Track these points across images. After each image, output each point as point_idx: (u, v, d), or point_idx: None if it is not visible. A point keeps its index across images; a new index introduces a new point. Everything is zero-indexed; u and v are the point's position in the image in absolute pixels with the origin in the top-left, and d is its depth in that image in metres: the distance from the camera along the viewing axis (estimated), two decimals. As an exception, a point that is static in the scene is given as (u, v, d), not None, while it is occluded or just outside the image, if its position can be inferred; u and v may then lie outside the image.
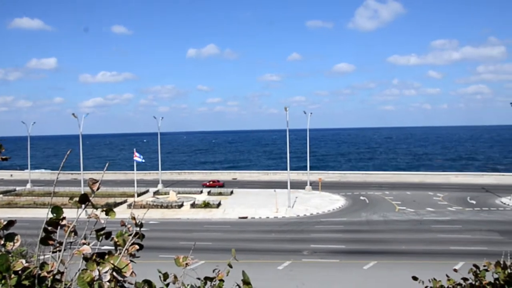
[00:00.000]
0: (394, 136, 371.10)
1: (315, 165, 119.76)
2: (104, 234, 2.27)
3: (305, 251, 38.57)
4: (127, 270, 2.06)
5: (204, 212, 56.76)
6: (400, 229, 46.20)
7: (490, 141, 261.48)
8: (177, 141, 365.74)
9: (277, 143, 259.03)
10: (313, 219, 52.58)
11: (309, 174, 75.55)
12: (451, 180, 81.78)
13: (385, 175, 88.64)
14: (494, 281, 3.64)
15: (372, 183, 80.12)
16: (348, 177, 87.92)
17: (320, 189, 70.99)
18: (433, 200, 62.06)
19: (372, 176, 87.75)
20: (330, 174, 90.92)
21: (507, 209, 56.13)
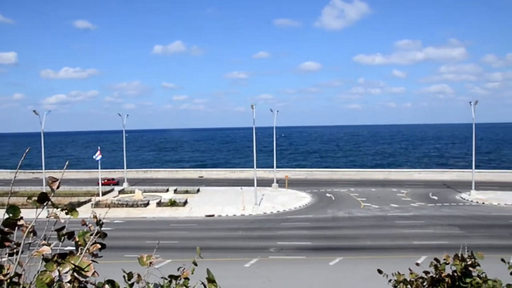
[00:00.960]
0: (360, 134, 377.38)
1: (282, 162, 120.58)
2: (66, 234, 2.21)
3: (272, 248, 38.77)
4: (89, 270, 2.01)
5: (170, 211, 56.27)
6: (365, 225, 47.03)
7: (452, 139, 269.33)
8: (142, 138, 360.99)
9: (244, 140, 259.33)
10: (279, 216, 52.90)
11: (276, 172, 75.94)
12: (414, 176, 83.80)
13: (350, 173, 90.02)
14: (453, 273, 3.76)
15: (338, 180, 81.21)
16: (314, 175, 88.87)
17: (287, 186, 71.48)
18: (397, 197, 63.44)
19: (338, 174, 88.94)
20: (297, 172, 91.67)
21: (467, 204, 57.97)
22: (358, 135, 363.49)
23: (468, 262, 3.74)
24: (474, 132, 64.71)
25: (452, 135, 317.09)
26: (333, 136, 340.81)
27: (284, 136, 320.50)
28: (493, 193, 64.36)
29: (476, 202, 58.81)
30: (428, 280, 4.08)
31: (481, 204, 57.75)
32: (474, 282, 3.62)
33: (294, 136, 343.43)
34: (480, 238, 40.80)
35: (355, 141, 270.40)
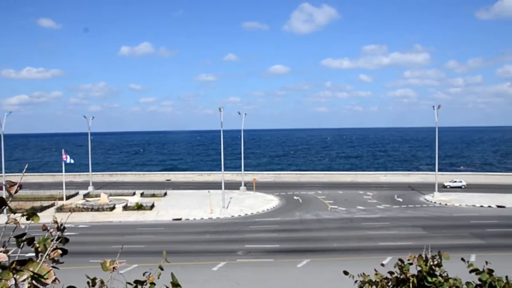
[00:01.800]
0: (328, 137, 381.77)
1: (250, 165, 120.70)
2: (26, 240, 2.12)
3: (240, 251, 38.72)
4: (49, 277, 1.94)
5: (137, 215, 55.44)
6: (332, 227, 47.56)
7: (416, 142, 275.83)
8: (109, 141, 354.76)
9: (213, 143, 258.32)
10: (247, 219, 52.89)
11: (244, 175, 75.93)
12: (380, 179, 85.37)
13: (318, 175, 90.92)
14: (418, 273, 3.84)
15: (305, 183, 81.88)
16: (282, 177, 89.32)
17: (255, 189, 71.57)
18: (363, 199, 64.43)
19: (305, 176, 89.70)
20: (265, 175, 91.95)
21: (430, 205, 59.43)
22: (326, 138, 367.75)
23: (434, 262, 3.82)
24: (437, 136, 66.47)
25: (416, 138, 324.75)
26: (301, 139, 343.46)
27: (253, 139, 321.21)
28: (455, 194, 66.26)
29: (439, 203, 60.37)
30: (393, 280, 4.15)
31: (443, 205, 59.32)
32: (437, 281, 3.70)
33: (262, 139, 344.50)
34: (442, 238, 41.91)
35: (323, 144, 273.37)
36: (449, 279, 3.77)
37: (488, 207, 57.57)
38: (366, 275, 4.48)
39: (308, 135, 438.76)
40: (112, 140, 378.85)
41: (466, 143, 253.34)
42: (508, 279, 3.59)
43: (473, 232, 44.16)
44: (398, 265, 4.11)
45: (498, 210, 55.84)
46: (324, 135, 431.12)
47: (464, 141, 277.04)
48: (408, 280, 3.90)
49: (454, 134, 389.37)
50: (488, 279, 3.61)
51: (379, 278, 4.30)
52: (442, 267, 3.80)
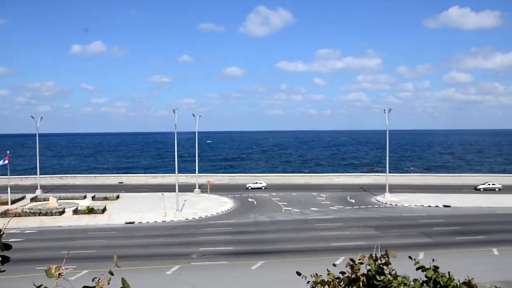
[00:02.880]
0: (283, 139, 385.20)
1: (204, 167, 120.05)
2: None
3: (194, 254, 38.39)
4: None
5: (88, 218, 53.89)
6: (287, 228, 47.98)
7: (368, 144, 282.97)
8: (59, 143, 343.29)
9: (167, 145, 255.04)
10: (202, 222, 52.54)
11: (198, 177, 75.44)
12: (334, 181, 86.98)
13: (272, 177, 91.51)
14: (367, 272, 3.93)
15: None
16: (237, 179, 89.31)
17: (209, 191, 71.22)
18: (317, 200, 65.40)
19: (260, 178, 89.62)
20: (219, 177, 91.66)
21: (381, 206, 61.10)
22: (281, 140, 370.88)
23: (382, 261, 3.92)
24: (388, 139, 68.45)
25: (368, 141, 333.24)
26: (256, 141, 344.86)
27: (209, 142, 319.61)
28: (405, 195, 68.41)
29: (389, 204, 62.18)
30: (345, 280, 4.22)
31: (394, 206, 61.14)
32: (386, 279, 3.81)
33: (217, 141, 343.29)
34: (393, 237, 43.19)
35: (277, 146, 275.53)
36: (398, 276, 3.89)
37: (435, 207, 59.84)
38: (319, 275, 4.54)
39: (263, 137, 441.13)
40: (62, 142, 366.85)
41: (416, 146, 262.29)
42: (450, 275, 3.76)
43: (421, 231, 45.78)
44: (349, 265, 4.19)
45: (445, 210, 58.15)
46: (279, 138, 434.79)
47: (414, 144, 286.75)
48: (359, 279, 3.99)
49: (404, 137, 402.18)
50: (433, 275, 3.77)
51: (331, 278, 4.36)
52: (390, 265, 3.90)
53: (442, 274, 3.78)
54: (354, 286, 4.04)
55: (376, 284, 3.82)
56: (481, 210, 57.35)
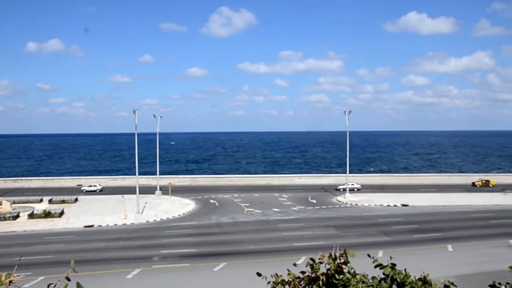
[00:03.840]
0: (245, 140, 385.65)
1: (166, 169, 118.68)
2: None
3: (155, 257, 37.86)
4: None
5: (44, 223, 52.21)
6: (249, 229, 48.03)
7: (329, 145, 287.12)
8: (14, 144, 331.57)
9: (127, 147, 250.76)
10: (163, 224, 51.90)
11: (160, 179, 74.52)
12: (295, 181, 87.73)
13: (234, 178, 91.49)
14: (327, 271, 3.97)
15: (222, 186, 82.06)
16: (199, 181, 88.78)
17: (170, 193, 70.47)
18: (278, 201, 65.79)
19: (222, 180, 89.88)
20: (181, 178, 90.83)
21: (342, 206, 62.09)
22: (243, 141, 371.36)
23: (341, 260, 3.96)
24: (348, 140, 69.65)
25: (329, 142, 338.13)
26: (219, 142, 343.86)
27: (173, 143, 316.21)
28: (365, 195, 69.81)
29: (350, 204, 63.26)
30: (305, 279, 4.24)
31: (354, 205, 62.25)
32: (345, 278, 3.86)
33: (179, 142, 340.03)
34: (353, 236, 43.95)
35: (239, 147, 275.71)
36: (357, 275, 3.94)
37: (394, 206, 61.31)
38: (279, 275, 4.55)
39: (226, 139, 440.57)
40: (17, 143, 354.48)
41: (375, 147, 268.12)
42: (407, 272, 3.85)
43: (380, 230, 46.81)
44: (309, 264, 4.22)
45: (403, 209, 59.66)
46: (241, 139, 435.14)
47: (374, 145, 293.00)
48: (319, 279, 4.02)
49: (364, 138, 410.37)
50: (391, 272, 3.84)
51: (292, 278, 4.38)
52: (349, 264, 3.96)
53: (399, 271, 3.87)
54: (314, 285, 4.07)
55: (336, 283, 3.87)
56: (436, 209, 59.19)
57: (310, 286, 4.12)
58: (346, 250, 4.04)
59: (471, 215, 55.03)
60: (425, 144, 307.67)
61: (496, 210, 58.44)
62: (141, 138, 71.47)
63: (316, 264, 4.07)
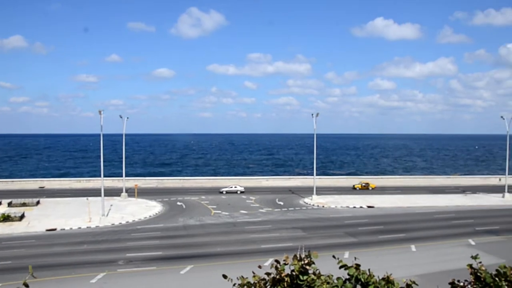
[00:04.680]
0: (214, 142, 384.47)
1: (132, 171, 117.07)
2: None
3: (121, 260, 37.19)
4: None
5: (3, 227, 50.45)
6: (216, 232, 47.82)
7: (297, 148, 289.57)
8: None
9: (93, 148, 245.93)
10: (129, 227, 51.10)
11: (125, 181, 73.36)
12: (263, 183, 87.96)
13: (202, 180, 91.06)
14: (291, 273, 3.96)
15: (189, 188, 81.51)
16: (165, 183, 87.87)
17: (137, 195, 69.46)
18: (246, 203, 65.80)
19: (189, 182, 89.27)
20: (148, 180, 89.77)
21: (309, 208, 62.61)
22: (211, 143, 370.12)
23: (305, 261, 3.96)
24: (316, 142, 70.34)
25: (297, 144, 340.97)
26: (186, 144, 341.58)
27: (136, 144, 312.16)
28: (331, 197, 70.63)
29: (317, 205, 63.87)
30: (270, 281, 4.22)
31: (321, 207, 62.88)
32: (310, 279, 3.86)
33: (146, 144, 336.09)
34: (319, 238, 44.37)
35: (207, 149, 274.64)
36: (321, 276, 3.95)
37: (360, 208, 62.26)
38: (245, 277, 4.51)
39: (193, 140, 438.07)
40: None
41: (342, 149, 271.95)
42: (371, 272, 3.89)
43: (347, 231, 47.44)
44: (274, 266, 4.21)
45: (368, 210, 60.67)
46: (209, 141, 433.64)
47: (341, 147, 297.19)
48: (283, 280, 4.01)
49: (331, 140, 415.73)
50: (355, 273, 3.87)
51: (257, 280, 4.36)
52: (314, 265, 3.96)
53: (363, 272, 3.90)
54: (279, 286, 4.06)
55: (300, 284, 3.86)
56: (401, 210, 60.46)
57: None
58: (310, 251, 4.04)
59: (434, 216, 56.49)
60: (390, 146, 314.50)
61: (457, 211, 60.20)
62: (107, 140, 70.34)
63: (281, 265, 4.06)
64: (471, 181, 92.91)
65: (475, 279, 4.65)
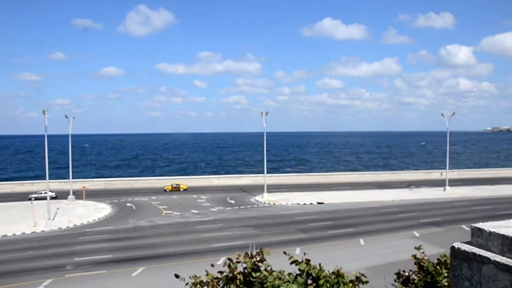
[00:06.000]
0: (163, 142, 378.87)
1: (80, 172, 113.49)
2: None
3: (69, 265, 36.02)
4: None
5: None
6: (167, 232, 47.26)
7: (247, 146, 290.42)
8: None
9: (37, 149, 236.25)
10: (77, 230, 49.56)
11: (73, 183, 71.05)
12: (214, 182, 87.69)
13: (151, 181, 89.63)
14: (244, 270, 4.03)
15: (139, 189, 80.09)
16: (114, 184, 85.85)
17: (85, 198, 67.48)
18: (197, 202, 65.40)
19: (139, 182, 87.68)
20: (96, 182, 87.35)
21: (260, 206, 63.03)
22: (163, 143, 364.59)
23: (257, 258, 4.04)
24: (265, 140, 70.87)
25: (247, 142, 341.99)
26: (135, 144, 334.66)
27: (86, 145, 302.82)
28: (282, 194, 71.42)
29: (268, 203, 64.39)
30: (223, 279, 4.27)
31: (272, 205, 63.45)
32: (262, 276, 3.94)
33: (93, 144, 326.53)
34: (271, 235, 44.76)
35: (157, 149, 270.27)
36: (273, 272, 4.04)
37: (310, 204, 63.32)
38: (198, 276, 4.54)
39: (143, 140, 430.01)
40: None
41: (292, 147, 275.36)
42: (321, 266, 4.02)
43: (298, 227, 48.14)
44: (227, 264, 4.26)
45: (318, 206, 61.82)
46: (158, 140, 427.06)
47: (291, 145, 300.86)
48: (236, 278, 4.07)
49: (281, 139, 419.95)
50: (306, 268, 3.99)
51: (210, 279, 4.40)
52: (266, 262, 4.05)
53: (313, 266, 4.02)
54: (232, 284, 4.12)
55: (253, 281, 3.94)
56: (349, 205, 62.00)
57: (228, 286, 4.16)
58: (262, 249, 4.12)
59: (381, 210, 58.33)
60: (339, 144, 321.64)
61: (402, 205, 62.48)
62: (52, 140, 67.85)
63: (234, 263, 4.13)
64: (415, 176, 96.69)
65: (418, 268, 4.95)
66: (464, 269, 2.65)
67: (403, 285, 4.97)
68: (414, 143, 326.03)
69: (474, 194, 71.69)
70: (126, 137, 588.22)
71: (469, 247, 2.67)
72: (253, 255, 4.06)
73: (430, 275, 4.71)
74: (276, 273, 4.03)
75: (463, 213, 55.78)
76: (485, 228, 2.66)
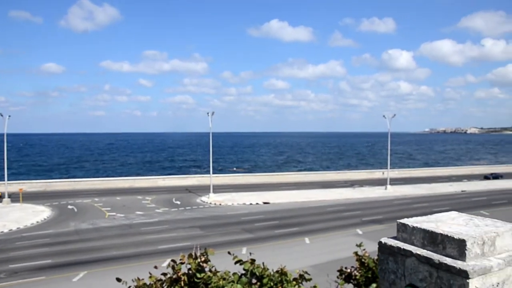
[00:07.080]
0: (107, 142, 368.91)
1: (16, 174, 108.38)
2: None
3: (3, 273, 34.25)
4: None
5: None
6: (111, 235, 46.07)
7: (193, 146, 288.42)
8: None
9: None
10: (13, 235, 47.23)
11: (8, 185, 67.74)
12: (159, 183, 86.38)
13: (95, 182, 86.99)
14: (188, 271, 3.99)
15: (81, 190, 77.56)
16: (54, 186, 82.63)
17: (22, 200, 64.51)
18: (142, 204, 64.20)
19: (81, 184, 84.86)
20: (34, 184, 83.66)
21: (206, 206, 62.74)
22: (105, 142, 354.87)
23: (201, 259, 4.01)
24: (211, 140, 70.64)
25: (194, 143, 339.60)
26: (76, 144, 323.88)
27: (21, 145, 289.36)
28: (229, 194, 71.43)
29: (214, 204, 64.20)
30: (167, 281, 4.21)
31: (218, 205, 63.32)
32: (206, 276, 3.91)
33: (31, 144, 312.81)
34: (217, 236, 44.67)
35: (100, 149, 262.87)
36: (218, 272, 4.02)
37: (256, 204, 63.71)
38: (141, 279, 4.44)
39: (85, 140, 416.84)
40: None
41: (238, 147, 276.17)
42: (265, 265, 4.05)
43: (244, 227, 48.31)
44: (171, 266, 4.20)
45: (264, 206, 62.32)
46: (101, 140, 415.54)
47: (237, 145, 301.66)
48: (180, 279, 4.02)
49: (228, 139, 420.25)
50: (250, 267, 4.00)
51: (153, 281, 4.32)
52: (210, 262, 4.03)
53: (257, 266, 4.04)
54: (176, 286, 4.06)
55: (197, 282, 3.90)
56: (295, 205, 62.92)
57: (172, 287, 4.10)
58: (206, 249, 4.10)
59: (326, 209, 59.63)
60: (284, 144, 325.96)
61: (346, 203, 64.15)
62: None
63: (178, 265, 4.07)
64: (358, 175, 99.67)
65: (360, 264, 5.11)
66: (390, 263, 2.77)
67: (346, 281, 5.11)
68: (360, 143, 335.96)
69: (413, 192, 74.81)
70: (68, 136, 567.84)
71: (394, 242, 2.78)
72: (198, 256, 4.02)
73: (370, 270, 4.86)
74: (220, 273, 4.01)
75: (403, 210, 58.06)
76: (409, 223, 2.78)
